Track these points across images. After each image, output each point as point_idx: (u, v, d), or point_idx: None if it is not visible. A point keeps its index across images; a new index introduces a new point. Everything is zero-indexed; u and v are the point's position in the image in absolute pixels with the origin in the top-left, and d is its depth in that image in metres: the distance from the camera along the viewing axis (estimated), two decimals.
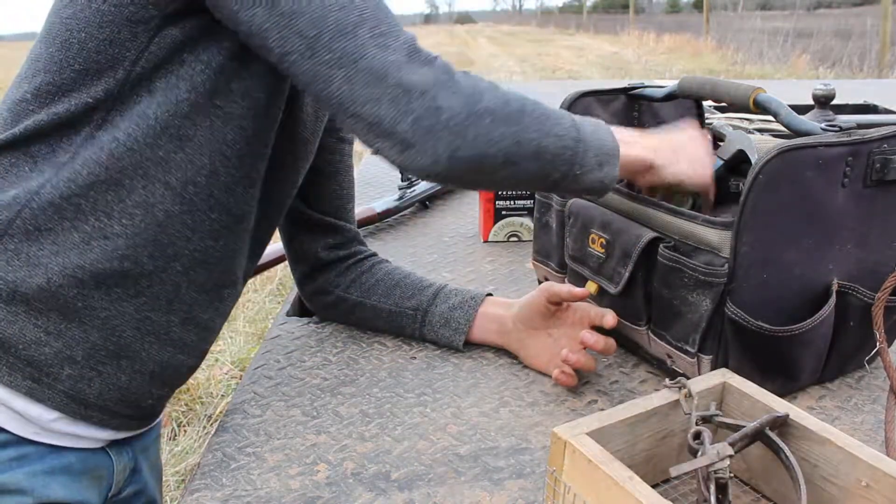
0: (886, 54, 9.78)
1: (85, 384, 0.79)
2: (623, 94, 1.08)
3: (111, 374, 0.80)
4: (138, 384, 0.82)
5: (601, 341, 0.87)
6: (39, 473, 0.79)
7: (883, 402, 0.85)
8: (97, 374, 0.79)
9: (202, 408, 2.42)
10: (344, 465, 0.76)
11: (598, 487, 0.59)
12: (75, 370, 0.78)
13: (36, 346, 0.76)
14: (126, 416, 0.83)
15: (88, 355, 0.78)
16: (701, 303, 0.79)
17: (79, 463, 0.82)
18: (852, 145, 0.78)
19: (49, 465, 0.79)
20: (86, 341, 0.78)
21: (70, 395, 0.78)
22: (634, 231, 0.87)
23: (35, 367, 0.76)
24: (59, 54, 0.76)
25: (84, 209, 0.76)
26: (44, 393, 0.77)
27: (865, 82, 3.62)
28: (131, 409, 0.83)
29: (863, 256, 0.82)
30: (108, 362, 0.80)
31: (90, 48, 0.75)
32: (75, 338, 0.78)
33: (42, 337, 0.77)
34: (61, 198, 0.75)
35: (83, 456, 0.82)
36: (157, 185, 0.77)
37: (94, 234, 0.77)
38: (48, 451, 0.79)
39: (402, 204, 1.51)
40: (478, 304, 0.98)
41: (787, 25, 15.18)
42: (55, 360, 0.77)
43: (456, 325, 0.97)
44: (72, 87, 0.76)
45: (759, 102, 0.89)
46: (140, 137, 0.76)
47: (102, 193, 0.76)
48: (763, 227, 0.76)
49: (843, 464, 0.61)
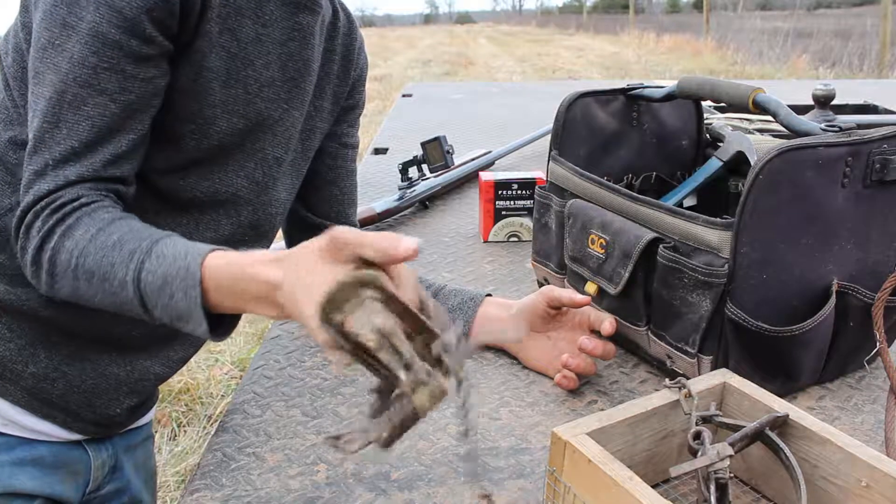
0: (886, 54, 9.78)
1: (48, 384, 0.80)
2: (622, 95, 1.08)
3: (75, 375, 0.81)
4: (104, 389, 0.83)
5: (600, 347, 0.86)
6: (6, 464, 0.80)
7: (883, 402, 0.85)
8: (61, 374, 0.80)
9: (202, 408, 2.42)
10: (344, 465, 0.76)
11: (598, 487, 0.59)
12: (39, 369, 0.79)
13: (1, 343, 0.78)
14: (90, 420, 0.83)
15: (51, 355, 0.79)
16: (701, 303, 0.79)
17: (51, 456, 0.82)
18: (852, 145, 0.78)
19: (17, 456, 0.80)
20: (48, 341, 0.79)
21: (32, 393, 0.79)
22: (634, 231, 0.87)
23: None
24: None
25: None
26: (6, 388, 0.78)
27: (865, 82, 3.62)
28: (97, 415, 0.84)
29: (862, 257, 0.82)
30: (72, 363, 0.80)
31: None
32: (38, 338, 0.79)
33: (6, 333, 0.78)
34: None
35: (56, 449, 0.83)
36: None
37: None
38: (18, 443, 0.80)
39: (402, 204, 1.51)
40: (477, 305, 0.98)
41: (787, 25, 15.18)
42: (19, 357, 0.78)
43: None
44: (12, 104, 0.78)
45: (758, 103, 0.89)
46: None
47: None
48: (763, 227, 0.76)
49: (843, 464, 0.61)
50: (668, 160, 1.12)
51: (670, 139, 1.13)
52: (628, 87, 1.09)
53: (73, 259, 0.67)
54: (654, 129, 1.11)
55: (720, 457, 0.59)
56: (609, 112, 1.07)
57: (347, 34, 0.97)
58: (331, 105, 0.96)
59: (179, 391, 2.46)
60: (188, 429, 2.31)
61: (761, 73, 10.10)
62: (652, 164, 1.11)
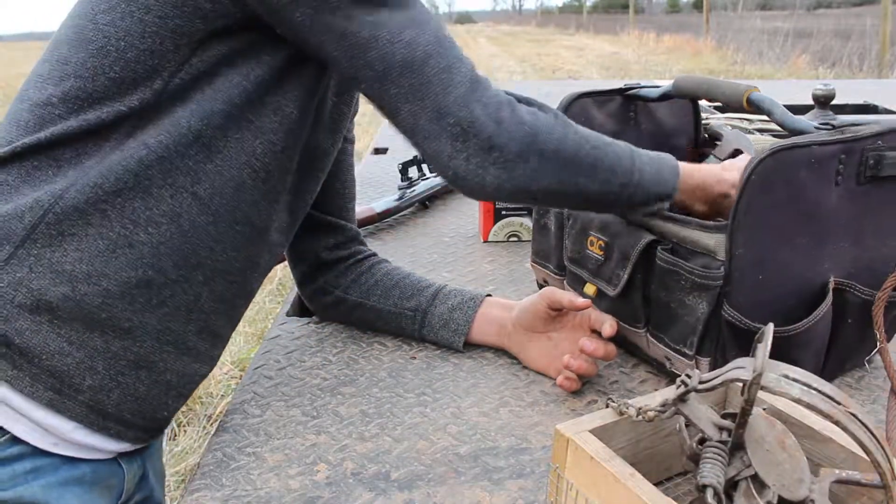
0: (886, 54, 9.78)
1: (105, 395, 0.78)
2: (619, 95, 1.08)
3: (130, 384, 0.79)
4: (155, 394, 0.82)
5: (601, 348, 0.87)
6: (55, 485, 0.78)
7: (883, 402, 0.85)
8: (117, 384, 0.79)
9: (202, 408, 2.43)
10: (344, 465, 0.76)
11: (600, 484, 0.59)
12: (96, 381, 0.77)
13: (59, 357, 0.75)
14: (141, 427, 0.83)
15: (109, 365, 0.78)
16: (698, 305, 0.80)
17: (91, 473, 0.81)
18: (845, 143, 0.78)
19: (63, 477, 0.78)
20: (107, 351, 0.77)
21: (90, 406, 0.78)
22: (633, 233, 0.87)
23: (57, 378, 0.75)
24: (92, 61, 0.75)
25: (110, 216, 0.75)
26: (64, 404, 0.76)
27: (865, 82, 3.62)
28: (146, 421, 0.83)
29: (858, 254, 0.83)
30: (128, 373, 0.79)
31: (129, 58, 0.74)
32: (97, 348, 0.77)
33: (65, 347, 0.75)
34: (87, 203, 0.75)
35: (95, 466, 0.82)
36: (185, 194, 0.77)
37: (120, 241, 0.76)
38: (62, 463, 0.78)
39: (402, 204, 1.51)
40: (477, 306, 0.98)
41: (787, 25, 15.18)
42: (77, 371, 0.76)
43: (455, 326, 0.97)
44: (105, 94, 0.75)
45: (752, 101, 0.89)
46: (171, 146, 0.76)
47: (130, 200, 0.76)
48: (757, 227, 0.76)
49: (845, 463, 0.61)
50: None
51: (668, 139, 1.13)
52: (625, 87, 1.09)
53: (554, 130, 0.77)
54: (651, 129, 1.11)
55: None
56: (606, 112, 1.08)
57: None
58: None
59: None
60: (188, 429, 2.31)
61: (761, 73, 10.10)
62: None
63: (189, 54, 0.75)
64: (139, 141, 0.75)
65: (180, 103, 0.76)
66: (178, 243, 0.78)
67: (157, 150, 0.76)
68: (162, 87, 0.75)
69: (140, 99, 0.75)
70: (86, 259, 0.75)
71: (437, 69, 0.73)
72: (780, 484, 0.55)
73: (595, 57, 14.31)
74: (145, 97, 0.75)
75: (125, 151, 0.75)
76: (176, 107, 0.76)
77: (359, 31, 0.72)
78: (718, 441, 0.57)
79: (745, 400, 0.55)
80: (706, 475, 0.55)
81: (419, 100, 0.73)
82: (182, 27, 0.74)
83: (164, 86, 0.75)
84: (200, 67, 0.75)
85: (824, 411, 0.52)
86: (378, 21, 0.72)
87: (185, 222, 0.78)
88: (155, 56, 0.74)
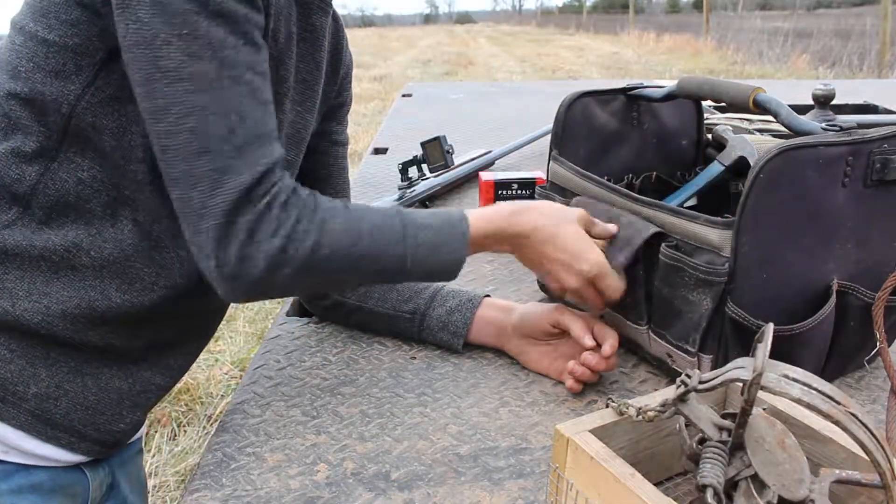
0: (886, 54, 9.78)
1: (51, 403, 0.78)
2: (622, 95, 1.08)
3: (77, 392, 0.79)
4: (107, 404, 0.81)
5: (602, 363, 0.86)
6: (6, 493, 0.77)
7: (883, 402, 0.85)
8: (63, 392, 0.78)
9: (202, 408, 2.43)
10: (344, 465, 0.76)
11: (600, 484, 0.59)
12: (41, 388, 0.77)
13: (1, 364, 0.75)
14: (95, 439, 0.82)
15: (52, 373, 0.77)
16: (701, 302, 0.79)
17: (49, 481, 0.80)
18: (853, 145, 0.78)
19: (17, 484, 0.78)
20: (47, 358, 0.77)
21: (36, 415, 0.77)
22: (637, 225, 0.86)
23: (1, 386, 0.75)
24: (9, 83, 0.75)
25: (53, 241, 0.76)
26: (9, 412, 0.76)
27: (865, 82, 3.62)
28: (101, 434, 0.82)
29: (863, 256, 0.82)
30: (72, 380, 0.78)
31: (36, 79, 0.74)
32: (38, 355, 0.77)
33: (6, 354, 0.75)
34: (32, 233, 0.75)
35: (54, 474, 0.80)
36: (126, 221, 0.77)
37: (63, 264, 0.76)
38: (15, 470, 0.77)
39: (402, 204, 1.51)
40: (475, 307, 0.97)
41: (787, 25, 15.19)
42: (20, 378, 0.76)
43: (454, 328, 0.97)
44: (20, 116, 0.75)
45: (758, 102, 0.89)
46: (105, 178, 0.76)
47: (73, 229, 0.76)
48: (763, 226, 0.76)
49: (845, 463, 0.61)
50: (668, 160, 1.12)
51: (670, 139, 1.13)
52: (628, 86, 1.09)
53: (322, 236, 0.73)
54: (654, 129, 1.11)
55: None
56: (609, 112, 1.07)
57: (334, 33, 0.97)
58: (319, 104, 0.97)
59: (179, 391, 2.46)
60: (188, 429, 2.31)
61: (761, 72, 10.11)
62: (652, 164, 1.11)
63: (92, 77, 0.73)
64: (70, 172, 0.75)
65: (94, 132, 0.75)
66: (122, 267, 0.78)
67: (90, 182, 0.76)
68: (69, 111, 0.74)
69: (53, 123, 0.74)
70: (27, 278, 0.76)
71: (212, 167, 0.68)
72: (780, 484, 0.55)
73: (595, 57, 14.32)
74: (56, 122, 0.74)
75: (59, 181, 0.75)
76: (92, 135, 0.75)
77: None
78: (718, 441, 0.57)
79: (745, 400, 0.55)
80: (706, 475, 0.54)
81: (187, 191, 0.69)
82: (80, 46, 0.73)
83: (71, 110, 0.74)
84: (106, 91, 0.74)
85: (824, 411, 0.52)
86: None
87: (127, 247, 0.78)
88: (59, 78, 0.73)
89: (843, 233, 0.80)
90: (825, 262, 0.80)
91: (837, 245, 0.80)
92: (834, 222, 0.79)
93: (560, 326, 0.90)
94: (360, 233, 0.75)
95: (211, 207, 0.68)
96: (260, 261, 0.70)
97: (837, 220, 0.79)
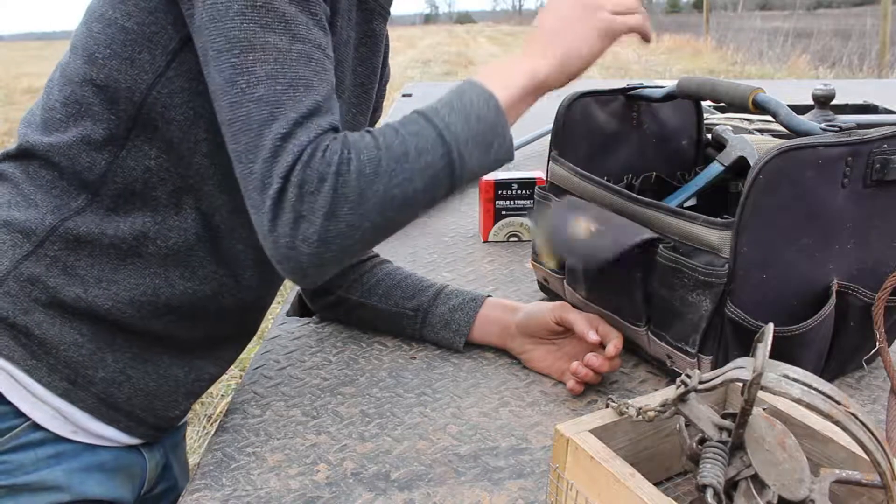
0: (886, 54, 9.78)
1: (115, 388, 0.81)
2: (622, 95, 1.08)
3: (139, 378, 0.82)
4: (165, 391, 0.85)
5: (605, 364, 0.86)
6: (76, 470, 0.81)
7: (883, 402, 0.85)
8: (126, 378, 0.82)
9: (202, 408, 2.42)
10: (344, 465, 0.76)
11: (600, 484, 0.59)
12: (108, 373, 0.80)
13: (74, 348, 0.79)
14: (151, 424, 0.86)
15: (116, 358, 0.81)
16: (701, 303, 0.79)
17: (112, 461, 0.84)
18: (852, 145, 0.78)
19: (85, 463, 0.81)
20: (113, 343, 0.80)
21: (101, 399, 0.81)
22: (629, 229, 0.86)
23: (72, 369, 0.79)
24: (84, 67, 0.77)
25: (122, 229, 0.78)
26: (78, 395, 0.79)
27: (865, 82, 3.62)
28: (158, 419, 0.86)
29: (863, 256, 0.82)
30: (136, 366, 0.82)
31: (112, 66, 0.75)
32: (105, 340, 0.80)
33: (78, 339, 0.79)
34: (101, 220, 0.78)
35: (116, 454, 0.85)
36: (190, 210, 0.80)
37: (130, 252, 0.79)
38: (83, 449, 0.81)
39: None
40: (478, 307, 0.98)
41: (787, 25, 15.19)
42: (90, 362, 0.79)
43: (456, 326, 0.97)
44: (91, 103, 0.76)
45: (758, 103, 0.89)
46: (171, 168, 0.77)
47: (140, 217, 0.79)
48: (763, 227, 0.76)
49: (845, 463, 0.61)
50: (667, 160, 1.12)
51: (670, 139, 1.13)
52: (628, 87, 1.09)
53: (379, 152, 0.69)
54: (653, 130, 1.11)
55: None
56: (609, 112, 1.07)
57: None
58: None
59: None
60: (188, 429, 2.31)
61: (761, 73, 10.10)
62: (652, 165, 1.11)
63: (164, 66, 0.75)
64: (138, 161, 0.77)
65: (164, 122, 0.76)
66: (185, 257, 0.81)
67: (157, 171, 0.78)
68: (140, 99, 0.75)
69: (124, 111, 0.76)
70: (97, 265, 0.79)
71: (277, 135, 0.68)
72: (780, 484, 0.55)
73: None
74: (128, 110, 0.76)
75: (126, 168, 0.77)
76: (161, 125, 0.76)
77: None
78: (718, 441, 0.57)
79: (745, 400, 0.55)
80: (706, 475, 0.54)
81: (249, 163, 0.68)
82: (155, 35, 0.74)
83: (143, 98, 0.75)
84: (176, 82, 0.75)
85: (824, 411, 0.52)
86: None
87: (191, 237, 0.80)
88: (134, 66, 0.75)
89: (843, 233, 0.80)
90: (825, 263, 0.80)
91: (837, 245, 0.80)
92: (834, 223, 0.79)
93: (564, 324, 0.90)
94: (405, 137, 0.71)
95: (274, 175, 0.67)
96: (316, 216, 0.67)
97: (837, 220, 0.79)
